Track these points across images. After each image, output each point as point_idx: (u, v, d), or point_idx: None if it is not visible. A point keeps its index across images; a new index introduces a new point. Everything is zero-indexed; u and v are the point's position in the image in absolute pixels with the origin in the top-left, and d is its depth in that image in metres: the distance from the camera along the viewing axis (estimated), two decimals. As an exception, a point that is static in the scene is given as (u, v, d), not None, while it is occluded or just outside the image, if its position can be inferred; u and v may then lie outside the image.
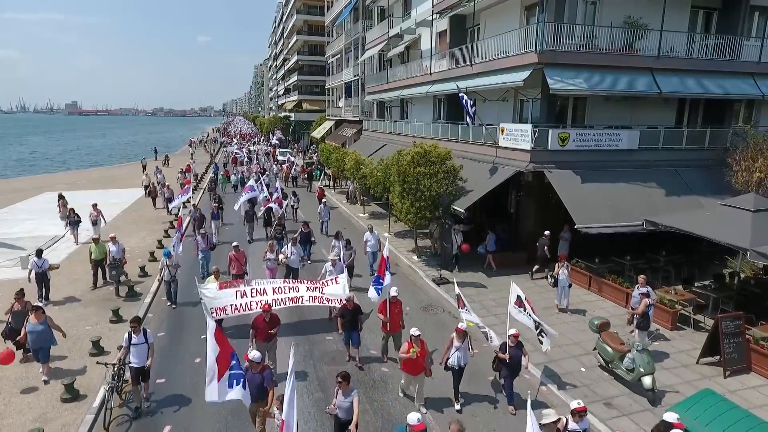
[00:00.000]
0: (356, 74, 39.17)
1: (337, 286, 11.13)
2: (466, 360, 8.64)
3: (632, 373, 9.01)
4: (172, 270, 12.90)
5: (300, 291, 11.00)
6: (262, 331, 9.29)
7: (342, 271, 12.22)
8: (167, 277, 12.91)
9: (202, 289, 10.28)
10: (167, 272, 12.85)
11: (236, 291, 10.54)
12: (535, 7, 15.89)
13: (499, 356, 8.66)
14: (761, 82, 16.98)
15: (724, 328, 9.77)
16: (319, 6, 59.18)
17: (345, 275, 11.72)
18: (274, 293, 10.70)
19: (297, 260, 13.98)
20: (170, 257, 12.95)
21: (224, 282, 10.90)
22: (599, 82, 15.25)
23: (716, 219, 11.80)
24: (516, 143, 15.74)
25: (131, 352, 8.36)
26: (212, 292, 10.41)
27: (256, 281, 11.06)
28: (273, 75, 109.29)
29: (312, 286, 11.22)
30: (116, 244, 14.24)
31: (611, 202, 14.67)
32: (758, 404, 8.77)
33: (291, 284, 11.17)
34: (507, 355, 8.49)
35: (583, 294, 14.14)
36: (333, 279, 11.44)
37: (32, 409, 8.50)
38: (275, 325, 9.50)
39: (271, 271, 13.71)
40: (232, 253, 13.37)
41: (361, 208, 25.98)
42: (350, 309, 10.00)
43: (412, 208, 15.94)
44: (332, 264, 12.45)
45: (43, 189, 32.62)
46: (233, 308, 10.38)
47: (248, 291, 10.60)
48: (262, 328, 9.31)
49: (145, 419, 8.34)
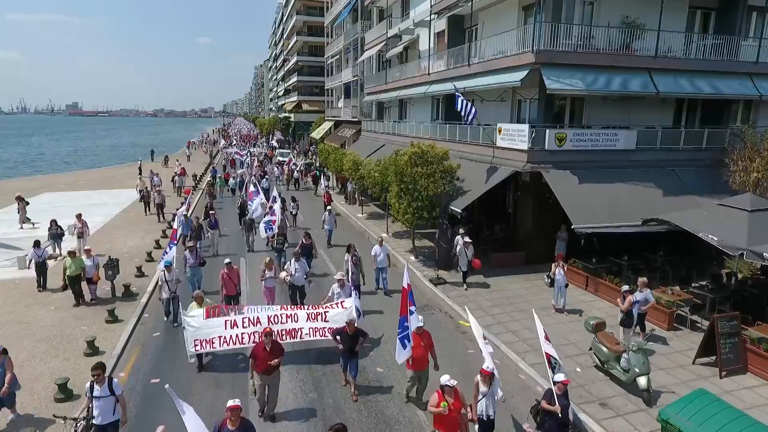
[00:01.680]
0: (355, 75, 39.20)
1: (342, 311, 9.83)
2: (495, 408, 7.19)
3: (628, 373, 8.98)
4: (172, 285, 11.58)
5: (299, 321, 9.70)
6: (261, 361, 8.06)
7: (350, 293, 10.78)
8: (167, 294, 11.58)
9: (186, 317, 9.13)
10: (166, 288, 11.53)
11: (225, 320, 9.25)
12: (532, 7, 15.88)
13: (545, 408, 6.97)
14: (759, 83, 16.95)
15: (720, 329, 9.73)
16: (319, 7, 59.26)
17: (353, 299, 10.28)
18: (269, 323, 9.40)
19: (302, 277, 12.34)
20: (169, 270, 11.66)
21: (212, 307, 9.62)
22: (597, 82, 15.24)
23: (713, 219, 11.77)
24: (513, 143, 15.72)
25: (93, 406, 6.93)
26: (198, 321, 9.16)
27: (249, 308, 9.70)
28: (273, 76, 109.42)
29: (314, 312, 9.88)
30: (91, 258, 13.11)
31: (608, 202, 14.65)
32: (754, 404, 8.73)
33: (289, 311, 9.82)
34: (557, 407, 6.81)
35: (580, 294, 14.12)
36: (339, 303, 10.11)
37: (25, 408, 8.47)
38: (278, 354, 8.20)
39: (270, 290, 12.30)
40: (224, 271, 11.77)
41: (360, 208, 25.98)
42: (349, 333, 8.84)
43: (410, 208, 15.93)
44: (339, 285, 11.00)
45: (43, 190, 32.66)
46: (222, 341, 9.13)
47: (239, 320, 9.31)
48: (262, 358, 8.06)
49: (139, 418, 8.32)
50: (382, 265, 14.25)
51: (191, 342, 9.03)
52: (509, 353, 10.62)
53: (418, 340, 8.33)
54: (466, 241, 14.23)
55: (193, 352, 9.19)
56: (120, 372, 9.82)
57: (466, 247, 14.19)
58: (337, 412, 8.63)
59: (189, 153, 57.38)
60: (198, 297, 10.01)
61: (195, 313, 9.33)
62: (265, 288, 12.27)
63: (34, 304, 13.16)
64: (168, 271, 11.59)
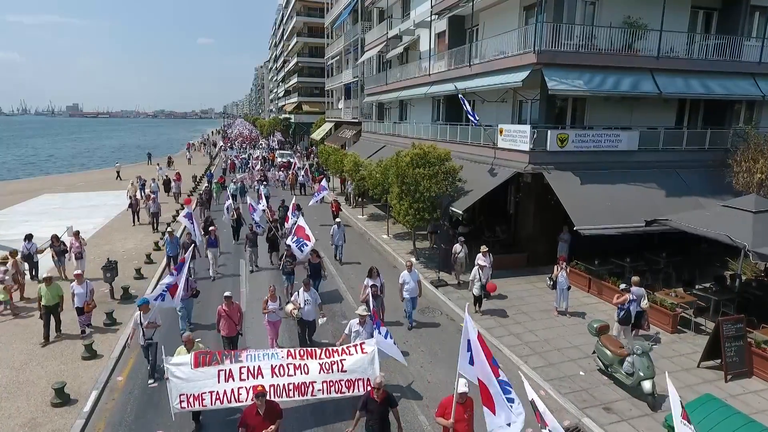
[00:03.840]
0: (355, 76, 39.12)
1: (363, 356, 7.89)
2: None
3: (632, 377, 8.86)
4: (147, 331, 9.14)
5: (311, 372, 7.70)
6: (253, 430, 6.45)
7: (372, 333, 8.62)
8: (141, 341, 9.23)
9: (170, 365, 7.35)
10: (140, 333, 9.17)
11: (219, 370, 7.45)
12: (534, 8, 15.78)
13: None
14: (762, 83, 16.85)
15: (725, 332, 9.62)
16: (319, 8, 59.24)
17: (376, 340, 8.19)
18: (273, 375, 7.55)
19: (312, 310, 10.36)
20: (146, 310, 9.23)
21: (202, 353, 7.70)
22: (598, 83, 15.13)
23: (717, 220, 11.66)
24: (515, 144, 15.62)
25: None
26: (184, 370, 7.35)
27: (249, 354, 7.78)
28: (273, 77, 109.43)
29: (329, 361, 7.86)
30: (84, 284, 11.02)
31: (610, 203, 14.54)
32: (760, 409, 8.61)
33: (298, 360, 7.79)
34: None
35: (583, 296, 14.00)
36: (359, 345, 8.14)
37: (22, 413, 8.37)
38: (274, 418, 6.59)
39: (274, 325, 10.33)
40: (223, 306, 9.68)
41: (360, 209, 25.86)
42: (378, 401, 6.70)
43: (411, 210, 15.82)
44: (360, 322, 8.95)
45: (43, 191, 32.61)
46: (214, 397, 7.36)
47: (236, 371, 7.47)
48: (254, 426, 6.45)
49: (137, 423, 8.21)
50: (412, 294, 11.80)
51: (176, 397, 7.28)
52: (511, 356, 10.49)
53: (461, 411, 6.43)
54: (481, 264, 12.49)
55: (178, 410, 7.38)
56: (118, 376, 9.71)
57: (480, 269, 12.47)
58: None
59: (189, 156, 54.48)
60: (188, 340, 8.08)
61: (181, 361, 7.45)
62: (268, 323, 10.35)
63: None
64: (144, 311, 9.25)
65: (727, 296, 12.28)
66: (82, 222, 21.60)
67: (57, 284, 11.27)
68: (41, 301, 10.93)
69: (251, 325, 11.73)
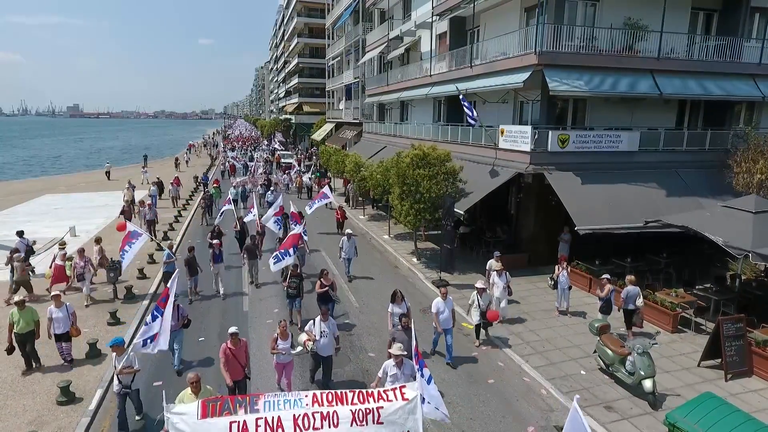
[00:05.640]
0: (356, 76, 39.22)
1: (404, 404, 5.99)
2: None
3: (633, 376, 8.92)
4: (123, 378, 7.80)
5: (341, 423, 5.84)
6: None
7: (413, 374, 7.08)
8: (116, 388, 7.92)
9: (171, 414, 5.66)
10: (116, 380, 7.89)
11: (231, 422, 5.74)
12: (535, 9, 15.86)
13: None
14: (762, 84, 16.91)
15: (725, 331, 9.68)
16: (320, 9, 59.32)
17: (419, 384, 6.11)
18: (296, 428, 5.75)
19: (330, 345, 8.88)
20: (120, 352, 7.84)
21: (210, 400, 5.85)
22: (599, 84, 15.21)
23: (717, 220, 11.72)
24: (516, 145, 15.69)
25: None
26: (189, 421, 5.67)
27: (267, 401, 5.86)
28: (274, 78, 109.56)
29: (363, 408, 5.93)
30: (63, 308, 9.72)
31: (611, 203, 14.61)
32: (760, 408, 8.67)
33: (326, 407, 5.91)
34: None
35: (584, 296, 14.06)
36: (398, 389, 6.23)
37: (28, 411, 8.43)
38: None
39: (284, 367, 8.83)
40: (228, 345, 8.05)
41: (362, 210, 25.94)
42: None
43: (412, 210, 15.89)
44: (397, 363, 7.44)
45: (44, 191, 32.69)
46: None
47: (251, 423, 5.68)
48: None
49: (141, 422, 8.27)
50: (447, 325, 10.21)
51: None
52: (513, 356, 10.56)
53: None
54: (480, 287, 10.91)
55: None
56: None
57: (479, 293, 10.88)
58: None
59: (188, 158, 51.56)
60: (193, 382, 6.76)
61: (185, 410, 5.78)
62: (276, 364, 8.83)
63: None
64: (118, 354, 7.84)
65: (728, 296, 12.35)
66: (83, 222, 21.68)
67: (31, 308, 9.74)
68: (13, 329, 9.40)
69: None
